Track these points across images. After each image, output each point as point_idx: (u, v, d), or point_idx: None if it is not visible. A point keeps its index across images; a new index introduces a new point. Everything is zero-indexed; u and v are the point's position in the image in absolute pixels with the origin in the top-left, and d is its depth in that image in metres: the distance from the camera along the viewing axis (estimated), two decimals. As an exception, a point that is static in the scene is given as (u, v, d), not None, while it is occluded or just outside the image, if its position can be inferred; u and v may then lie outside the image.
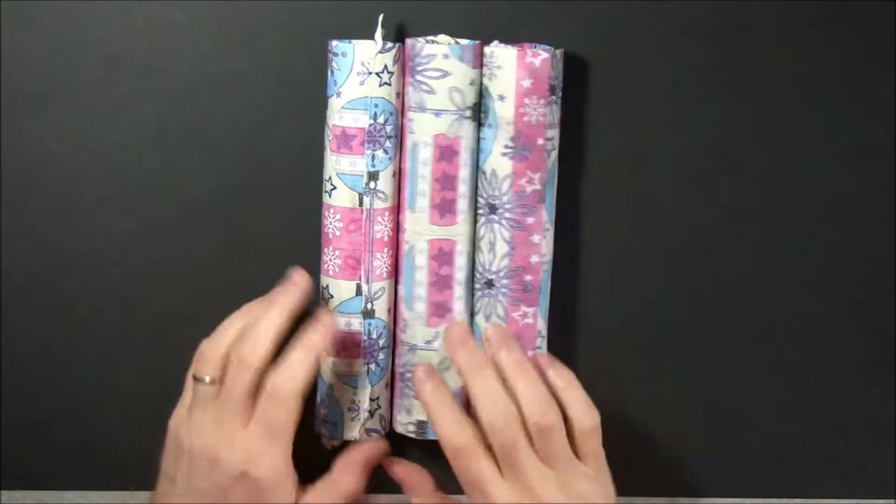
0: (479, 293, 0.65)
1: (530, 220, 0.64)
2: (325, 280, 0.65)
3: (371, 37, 0.62)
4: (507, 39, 0.64)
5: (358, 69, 0.62)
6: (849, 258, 0.69)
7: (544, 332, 0.66)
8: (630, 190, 0.68)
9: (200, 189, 0.68)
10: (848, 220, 0.69)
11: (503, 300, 0.64)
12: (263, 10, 0.66)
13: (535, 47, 0.63)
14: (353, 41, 0.62)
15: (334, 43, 0.62)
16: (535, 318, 0.65)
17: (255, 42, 0.66)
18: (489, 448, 0.60)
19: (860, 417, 0.71)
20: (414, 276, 0.64)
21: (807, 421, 0.71)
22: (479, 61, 0.63)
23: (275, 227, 0.68)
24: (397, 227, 0.65)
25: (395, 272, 0.65)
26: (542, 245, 0.64)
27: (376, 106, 0.62)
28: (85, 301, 0.69)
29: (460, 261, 0.65)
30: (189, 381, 0.63)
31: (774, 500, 0.72)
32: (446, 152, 0.63)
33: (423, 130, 0.63)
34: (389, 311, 0.66)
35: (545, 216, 0.64)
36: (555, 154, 0.64)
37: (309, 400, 0.66)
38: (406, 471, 0.68)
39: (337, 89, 0.62)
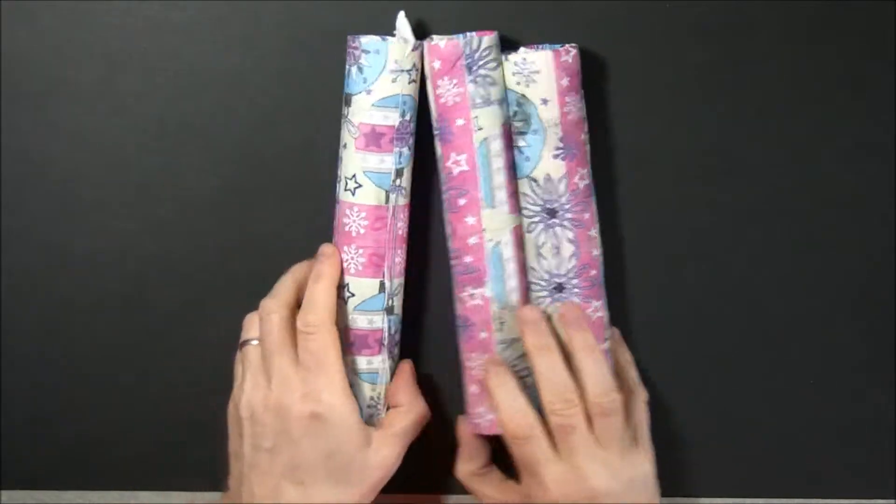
0: (545, 301, 0.64)
1: (586, 215, 0.64)
2: (344, 279, 0.64)
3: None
4: (504, 39, 0.64)
5: (391, 66, 0.62)
6: (849, 258, 0.69)
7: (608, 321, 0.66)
8: (629, 190, 0.68)
9: (200, 189, 0.68)
10: (848, 220, 0.69)
11: (577, 301, 0.64)
12: (263, 10, 0.66)
13: (539, 48, 0.63)
14: (386, 38, 0.62)
15: (364, 40, 0.61)
16: (603, 311, 0.65)
17: (255, 42, 0.67)
18: (548, 430, 0.62)
19: (860, 417, 0.71)
20: (504, 270, 0.64)
21: (807, 421, 0.71)
22: None
23: (275, 227, 0.68)
24: (410, 225, 0.65)
25: (406, 269, 0.65)
26: (598, 237, 0.65)
27: (405, 103, 0.62)
28: (85, 301, 0.69)
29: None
30: (237, 367, 0.65)
31: (774, 501, 0.72)
32: (508, 140, 0.63)
33: (492, 123, 0.62)
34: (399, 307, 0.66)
35: (595, 209, 0.64)
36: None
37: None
38: (470, 435, 0.67)
39: (367, 87, 0.62)
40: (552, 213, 0.63)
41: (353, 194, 0.63)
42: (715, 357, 0.70)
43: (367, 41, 0.61)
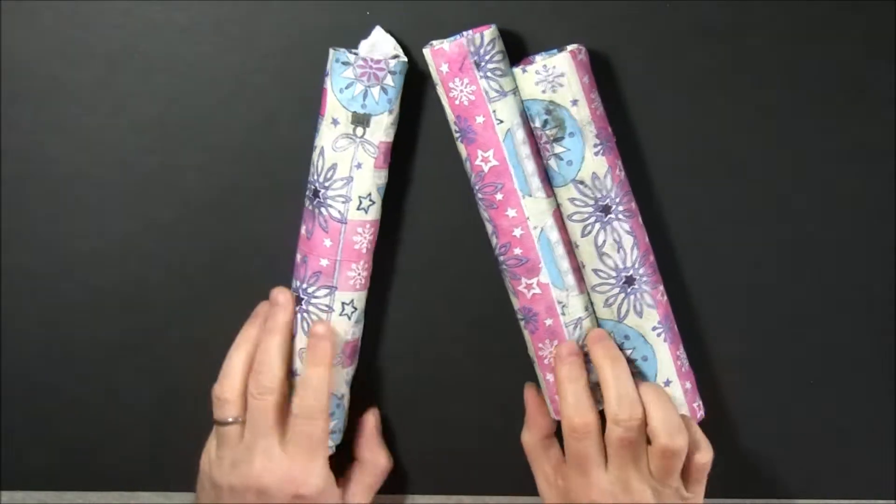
0: (618, 297, 0.64)
1: (633, 204, 0.64)
2: (349, 295, 0.64)
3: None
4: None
5: (400, 87, 0.63)
6: (849, 258, 0.69)
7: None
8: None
9: (200, 189, 0.68)
10: (848, 220, 0.69)
11: (647, 289, 0.64)
12: (263, 10, 0.66)
13: (532, 60, 0.63)
14: (400, 56, 0.63)
15: (392, 62, 0.62)
16: (665, 293, 0.66)
17: (255, 43, 0.66)
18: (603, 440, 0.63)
19: (860, 417, 0.71)
20: (555, 254, 0.64)
21: (807, 421, 0.71)
22: None
23: (275, 228, 0.68)
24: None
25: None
26: (643, 225, 0.65)
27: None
28: (85, 301, 0.69)
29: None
30: (212, 435, 0.65)
31: (774, 501, 0.72)
32: (528, 128, 0.63)
33: (512, 113, 0.62)
34: None
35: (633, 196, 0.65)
36: None
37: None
38: (535, 403, 0.68)
39: (391, 107, 0.63)
40: (606, 209, 0.63)
41: (367, 212, 0.63)
42: (715, 357, 0.70)
43: (395, 63, 0.62)
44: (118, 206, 0.68)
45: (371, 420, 0.69)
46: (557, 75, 0.62)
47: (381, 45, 0.63)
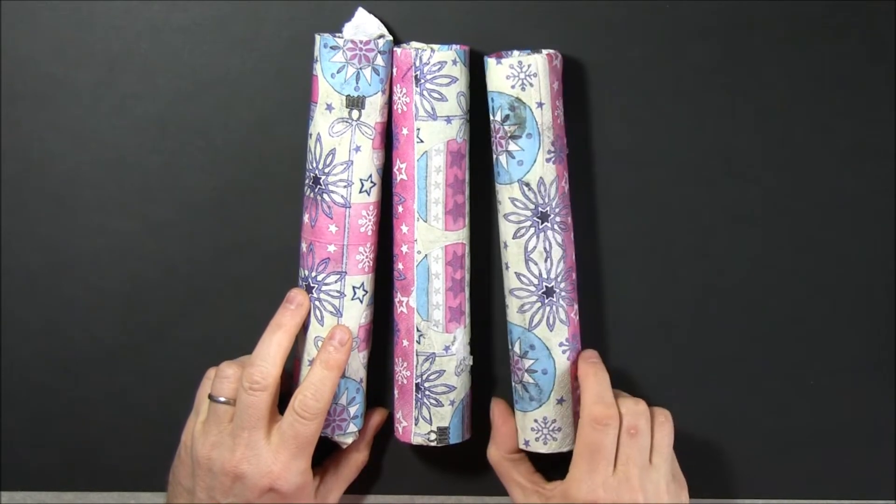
0: (534, 305, 0.64)
1: (569, 219, 0.64)
2: (359, 279, 0.64)
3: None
4: (498, 44, 0.64)
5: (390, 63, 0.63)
6: (849, 258, 0.69)
7: None
8: (629, 191, 0.68)
9: (200, 189, 0.68)
10: (848, 220, 0.69)
11: (563, 304, 0.64)
12: (263, 10, 0.66)
13: (509, 54, 0.62)
14: (388, 40, 0.63)
15: (380, 42, 0.62)
16: (578, 312, 0.66)
17: (255, 42, 0.67)
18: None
19: (860, 417, 0.71)
20: (430, 284, 0.64)
21: (807, 421, 0.71)
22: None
23: (275, 228, 0.68)
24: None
25: None
26: (574, 242, 0.65)
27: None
28: (85, 301, 0.69)
29: (467, 263, 0.65)
30: (202, 397, 0.65)
31: (774, 501, 0.72)
32: (456, 157, 0.63)
33: (435, 138, 0.62)
34: None
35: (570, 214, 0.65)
36: None
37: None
38: (503, 417, 0.68)
39: (383, 87, 0.63)
40: (544, 217, 0.63)
41: (369, 194, 0.63)
42: (715, 357, 0.70)
43: (383, 43, 0.62)
44: (118, 206, 0.68)
45: (376, 419, 0.69)
46: (530, 74, 0.61)
47: (364, 25, 0.63)
